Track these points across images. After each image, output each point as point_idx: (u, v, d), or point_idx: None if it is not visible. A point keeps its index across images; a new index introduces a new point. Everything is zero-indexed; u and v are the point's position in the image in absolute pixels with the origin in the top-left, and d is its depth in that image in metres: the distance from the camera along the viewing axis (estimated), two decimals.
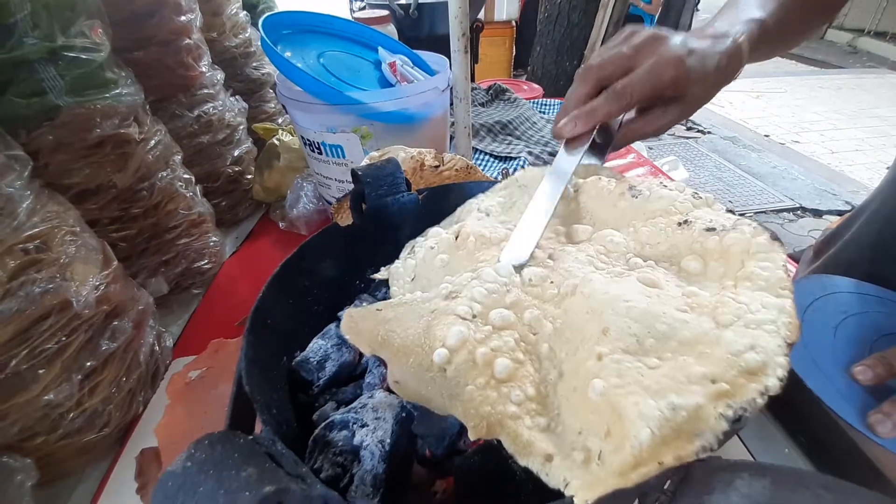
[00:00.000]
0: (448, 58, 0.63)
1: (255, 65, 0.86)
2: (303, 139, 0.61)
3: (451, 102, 0.67)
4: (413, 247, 0.36)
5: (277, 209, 0.76)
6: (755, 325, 0.20)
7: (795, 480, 0.14)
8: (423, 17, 1.12)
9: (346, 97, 0.53)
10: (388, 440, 0.26)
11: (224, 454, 0.17)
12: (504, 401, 0.21)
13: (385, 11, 0.98)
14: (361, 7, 1.23)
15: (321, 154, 0.59)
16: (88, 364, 0.39)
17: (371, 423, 0.26)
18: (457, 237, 0.31)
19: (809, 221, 2.21)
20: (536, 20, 2.27)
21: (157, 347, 0.49)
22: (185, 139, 0.64)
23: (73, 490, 0.41)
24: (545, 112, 1.08)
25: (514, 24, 2.61)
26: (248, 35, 0.83)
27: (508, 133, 0.94)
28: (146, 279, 0.55)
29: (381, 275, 0.36)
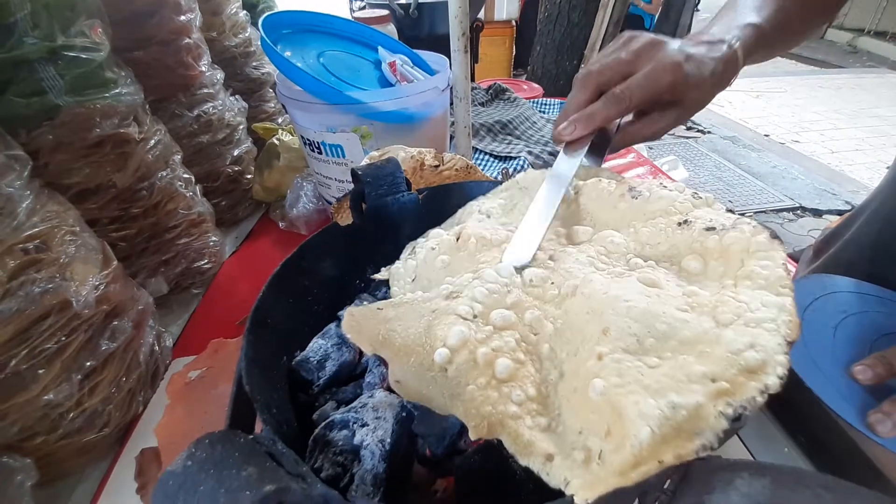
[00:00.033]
0: (448, 57, 0.63)
1: (255, 64, 0.86)
2: (303, 139, 0.61)
3: (451, 102, 0.67)
4: (414, 248, 0.36)
5: (277, 209, 0.76)
6: (755, 324, 0.20)
7: (795, 480, 0.14)
8: (423, 17, 1.12)
9: (346, 97, 0.53)
10: (389, 440, 0.26)
11: (224, 453, 0.17)
12: (505, 401, 0.21)
13: (385, 11, 0.98)
14: (361, 7, 1.23)
15: (321, 154, 0.59)
16: (88, 364, 0.39)
17: (371, 423, 0.27)
18: (458, 239, 0.32)
19: (809, 221, 2.21)
20: (536, 20, 2.26)
21: (157, 347, 0.49)
22: (185, 139, 0.64)
23: (73, 490, 0.41)
24: (545, 112, 1.08)
25: (514, 24, 2.61)
26: (248, 34, 0.83)
27: (508, 133, 0.94)
28: (146, 279, 0.55)
29: (382, 275, 0.36)
